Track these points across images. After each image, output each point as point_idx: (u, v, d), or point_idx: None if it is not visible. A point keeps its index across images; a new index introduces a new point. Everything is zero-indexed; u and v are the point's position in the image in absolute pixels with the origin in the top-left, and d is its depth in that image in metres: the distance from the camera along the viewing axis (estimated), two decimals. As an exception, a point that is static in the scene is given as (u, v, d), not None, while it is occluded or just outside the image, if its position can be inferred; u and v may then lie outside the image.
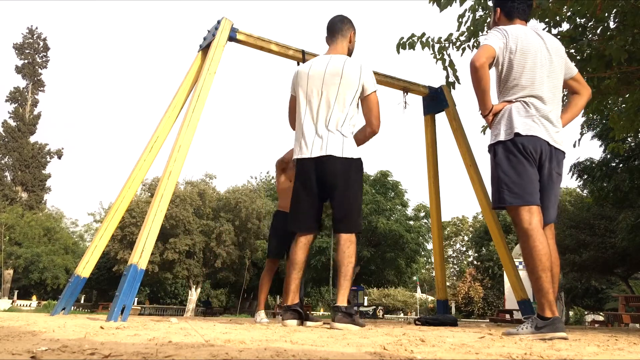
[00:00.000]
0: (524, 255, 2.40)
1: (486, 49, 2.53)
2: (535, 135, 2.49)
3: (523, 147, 2.47)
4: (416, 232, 29.08)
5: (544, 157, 2.51)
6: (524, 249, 2.40)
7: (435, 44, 5.31)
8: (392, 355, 1.12)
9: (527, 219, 2.40)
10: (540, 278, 2.32)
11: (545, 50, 2.63)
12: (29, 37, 39.31)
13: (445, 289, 5.33)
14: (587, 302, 29.34)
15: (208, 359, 0.96)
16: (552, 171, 2.56)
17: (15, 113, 37.47)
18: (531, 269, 2.36)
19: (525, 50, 2.57)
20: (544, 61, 2.60)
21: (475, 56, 2.50)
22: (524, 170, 2.47)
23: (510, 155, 2.49)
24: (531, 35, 2.65)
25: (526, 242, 2.38)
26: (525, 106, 2.54)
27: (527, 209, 2.42)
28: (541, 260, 2.33)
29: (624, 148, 9.81)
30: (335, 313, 2.67)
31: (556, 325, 2.28)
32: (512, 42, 2.56)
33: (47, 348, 1.01)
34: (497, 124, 2.60)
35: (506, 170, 2.49)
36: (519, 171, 2.47)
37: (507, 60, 2.58)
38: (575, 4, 4.60)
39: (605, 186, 13.27)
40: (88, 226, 39.21)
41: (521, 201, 2.43)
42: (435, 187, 5.42)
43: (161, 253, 25.06)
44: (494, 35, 2.60)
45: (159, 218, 3.24)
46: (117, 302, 2.92)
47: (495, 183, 2.55)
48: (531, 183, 2.46)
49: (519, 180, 2.46)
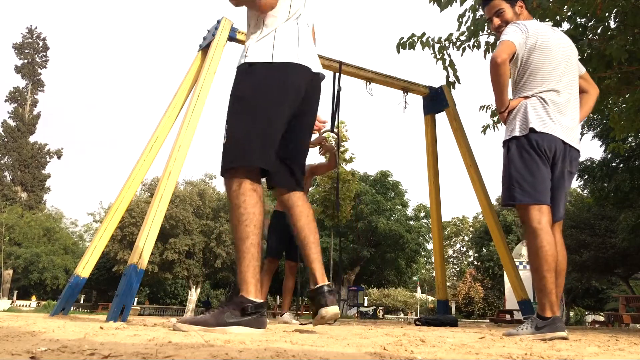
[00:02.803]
0: (530, 254, 2.39)
1: (507, 44, 2.48)
2: (550, 133, 2.46)
3: (537, 145, 2.44)
4: (416, 232, 29.10)
5: (558, 155, 2.48)
6: (531, 248, 2.39)
7: (436, 43, 5.31)
8: (392, 356, 1.12)
9: (536, 218, 2.38)
10: (545, 278, 2.32)
11: (563, 46, 2.62)
12: (28, 37, 39.32)
13: (446, 289, 5.33)
14: (588, 302, 29.35)
15: (208, 359, 0.95)
16: (565, 169, 2.54)
17: (15, 113, 37.47)
18: (536, 268, 2.35)
19: (545, 46, 2.55)
20: (563, 57, 2.59)
21: (497, 52, 2.46)
22: (537, 168, 2.44)
23: (524, 152, 2.46)
24: (549, 31, 2.63)
25: (533, 241, 2.37)
26: (542, 102, 2.51)
27: (537, 208, 2.40)
28: (547, 261, 2.32)
29: (624, 148, 9.82)
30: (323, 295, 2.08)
31: (556, 325, 2.27)
32: (533, 38, 2.53)
33: (46, 348, 1.01)
34: (512, 120, 2.57)
35: (519, 168, 2.47)
36: (531, 169, 2.44)
37: (526, 55, 2.55)
38: (576, 3, 4.60)
39: (605, 186, 13.28)
40: (88, 226, 39.23)
41: (532, 200, 2.41)
42: (436, 187, 5.42)
43: (161, 253, 25.06)
44: (514, 30, 2.54)
45: (159, 218, 3.24)
46: (117, 302, 2.92)
47: (507, 180, 2.52)
48: (543, 182, 2.44)
49: (530, 178, 2.43)
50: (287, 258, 4.74)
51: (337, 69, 4.94)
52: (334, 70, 4.96)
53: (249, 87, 2.05)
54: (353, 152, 24.00)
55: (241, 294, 1.90)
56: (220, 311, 1.85)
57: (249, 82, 2.06)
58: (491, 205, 4.99)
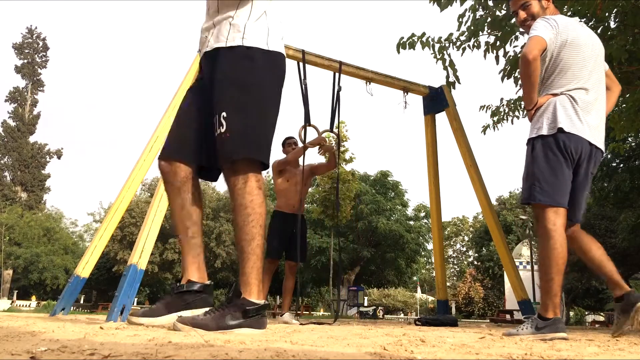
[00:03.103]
0: (542, 254, 2.36)
1: (538, 40, 2.40)
2: (578, 135, 2.41)
3: (564, 146, 2.40)
4: (416, 232, 29.11)
5: (583, 157, 2.44)
6: (543, 249, 2.36)
7: (436, 43, 5.32)
8: (392, 356, 1.12)
9: (552, 219, 2.36)
10: (553, 280, 2.30)
11: (592, 43, 2.56)
12: (28, 37, 39.31)
13: (446, 289, 5.33)
14: (588, 302, 29.32)
15: (208, 359, 0.95)
16: (588, 171, 2.50)
17: (15, 113, 37.47)
18: (545, 270, 2.33)
19: (576, 42, 2.48)
20: (592, 54, 2.53)
21: (528, 48, 2.38)
22: (560, 170, 2.40)
23: (549, 152, 2.42)
24: (579, 27, 2.57)
25: (547, 242, 2.34)
26: (571, 100, 2.45)
27: (554, 210, 2.37)
28: (558, 263, 2.30)
29: (624, 148, 9.81)
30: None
31: (557, 326, 2.27)
32: (563, 34, 2.47)
33: (46, 348, 1.01)
34: (540, 117, 2.50)
35: (542, 167, 2.42)
36: (555, 170, 2.40)
37: (556, 52, 2.48)
38: (576, 3, 4.60)
39: (605, 186, 13.28)
40: (88, 226, 39.24)
41: (551, 201, 2.37)
42: (436, 187, 5.42)
43: (161, 253, 25.09)
44: (544, 25, 2.46)
45: (159, 218, 3.24)
46: (117, 302, 2.92)
47: (529, 178, 2.47)
48: (565, 184, 2.41)
49: (553, 179, 2.39)
50: (287, 258, 4.74)
51: (337, 69, 4.95)
52: (334, 70, 4.96)
53: (252, 76, 1.94)
54: (353, 152, 23.98)
55: (243, 296, 1.85)
56: (221, 313, 1.80)
57: (252, 69, 1.93)
58: (491, 205, 5.00)
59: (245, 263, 1.88)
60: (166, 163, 2.04)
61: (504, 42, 5.33)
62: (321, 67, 4.93)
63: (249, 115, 1.91)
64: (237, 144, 1.87)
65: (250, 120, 1.91)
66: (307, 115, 4.73)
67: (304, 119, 4.73)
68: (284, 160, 4.75)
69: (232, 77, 1.93)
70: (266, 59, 1.96)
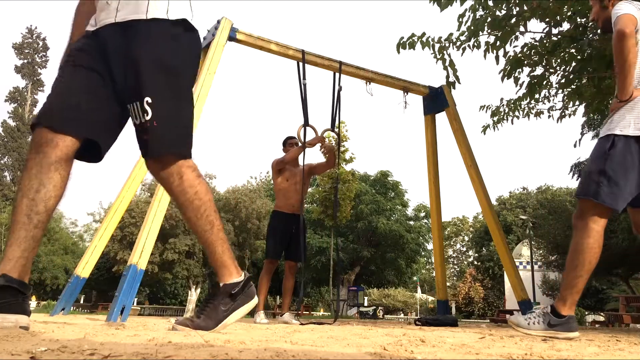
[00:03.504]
0: (575, 250, 2.30)
1: (629, 17, 2.17)
2: None
3: None
4: (416, 232, 29.12)
5: None
6: (578, 244, 2.29)
7: (436, 43, 5.31)
8: (392, 356, 1.12)
9: (597, 218, 2.29)
10: (581, 277, 2.28)
11: None
12: (28, 36, 39.32)
13: (446, 289, 5.33)
14: (588, 302, 29.33)
15: (208, 359, 0.95)
16: None
17: (15, 113, 37.49)
18: (575, 266, 2.29)
19: None
20: None
21: (621, 24, 2.15)
22: (633, 176, 2.27)
23: (629, 155, 2.26)
24: None
25: (584, 239, 2.28)
26: None
27: (606, 212, 2.31)
28: (590, 262, 2.27)
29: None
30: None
31: (570, 325, 2.25)
32: None
33: (46, 348, 1.01)
34: (627, 113, 2.29)
35: (615, 168, 2.26)
36: (628, 175, 2.27)
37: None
38: (576, 3, 4.60)
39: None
40: (87, 226, 39.19)
41: (611, 203, 2.27)
42: (436, 187, 5.42)
43: (161, 253, 25.06)
44: (627, 6, 2.24)
45: (159, 218, 3.24)
46: (117, 302, 2.92)
47: (596, 174, 2.30)
48: (629, 191, 2.29)
49: (623, 182, 2.26)
50: (287, 258, 4.75)
51: (337, 69, 4.95)
52: (334, 70, 4.97)
53: (179, 58, 1.71)
54: (353, 152, 24.00)
55: (224, 283, 1.83)
56: (212, 308, 1.81)
57: (177, 49, 1.71)
58: (491, 205, 5.00)
59: (214, 249, 1.84)
60: (49, 131, 1.62)
61: (504, 42, 5.33)
62: (321, 67, 4.93)
63: (176, 102, 1.70)
64: (165, 135, 1.68)
65: (178, 107, 1.71)
66: (305, 116, 4.74)
67: (303, 119, 4.74)
68: (282, 159, 4.75)
69: (156, 57, 1.66)
70: (190, 37, 1.76)
